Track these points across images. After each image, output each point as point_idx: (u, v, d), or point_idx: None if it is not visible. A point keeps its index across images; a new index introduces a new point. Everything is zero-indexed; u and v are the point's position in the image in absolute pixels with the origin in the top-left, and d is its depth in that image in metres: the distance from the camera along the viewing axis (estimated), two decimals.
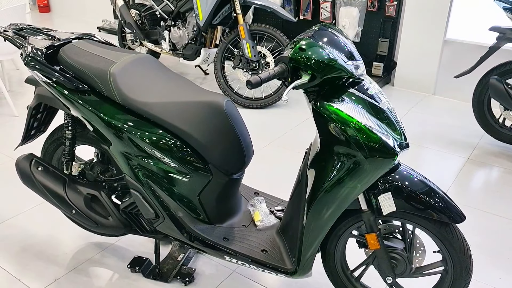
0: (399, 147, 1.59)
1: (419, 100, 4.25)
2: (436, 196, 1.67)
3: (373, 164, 1.56)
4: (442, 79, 4.25)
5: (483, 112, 3.38)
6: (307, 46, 1.53)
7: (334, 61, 1.52)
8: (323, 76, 1.51)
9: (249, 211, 2.07)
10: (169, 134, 1.82)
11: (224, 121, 1.83)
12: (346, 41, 1.63)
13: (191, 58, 4.21)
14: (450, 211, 1.66)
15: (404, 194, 1.67)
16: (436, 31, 4.13)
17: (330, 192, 1.63)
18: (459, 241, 1.70)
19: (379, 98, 1.64)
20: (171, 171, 1.85)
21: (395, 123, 1.63)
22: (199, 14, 3.92)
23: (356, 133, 1.53)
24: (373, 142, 1.53)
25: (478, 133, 3.53)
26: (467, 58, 3.88)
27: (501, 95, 3.13)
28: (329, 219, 1.70)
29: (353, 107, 1.56)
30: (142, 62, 1.93)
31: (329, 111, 1.54)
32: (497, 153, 3.34)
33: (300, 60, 1.50)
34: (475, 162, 3.24)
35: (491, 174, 3.16)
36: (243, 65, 3.88)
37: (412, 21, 4.22)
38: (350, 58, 1.60)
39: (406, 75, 4.40)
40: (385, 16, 4.31)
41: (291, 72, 1.53)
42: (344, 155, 1.57)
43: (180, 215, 1.90)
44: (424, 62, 4.27)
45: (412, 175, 1.72)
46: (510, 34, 3.08)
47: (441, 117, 3.94)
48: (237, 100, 4.02)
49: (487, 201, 2.80)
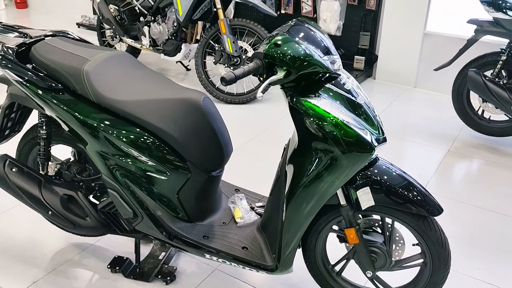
0: (376, 141, 1.59)
1: (400, 93, 4.28)
2: (414, 190, 1.68)
3: (350, 159, 1.56)
4: (422, 72, 4.28)
5: (462, 105, 3.41)
6: (282, 41, 1.51)
7: (309, 57, 1.51)
8: (298, 72, 1.50)
9: (230, 208, 2.06)
10: (146, 133, 1.79)
11: (202, 118, 1.81)
12: (322, 36, 1.62)
13: (172, 54, 4.16)
14: (428, 204, 1.67)
15: (382, 188, 1.67)
16: (416, 24, 4.15)
17: (309, 187, 1.63)
18: (437, 233, 1.71)
19: (356, 93, 1.63)
20: (148, 170, 1.82)
21: (372, 117, 1.63)
22: (178, 9, 3.87)
23: (333, 129, 1.52)
24: (350, 137, 1.53)
25: (458, 125, 3.56)
26: (447, 51, 3.89)
27: (479, 88, 3.15)
28: (308, 215, 1.69)
29: (330, 102, 1.55)
30: (117, 60, 1.90)
31: (305, 107, 1.54)
32: (476, 145, 3.38)
33: (275, 55, 1.49)
34: (455, 154, 3.27)
35: (471, 166, 3.19)
36: (224, 60, 3.85)
37: (392, 14, 4.23)
38: (326, 53, 1.59)
39: (387, 69, 4.42)
40: (365, 9, 4.31)
41: (266, 68, 1.51)
42: (322, 151, 1.57)
43: (159, 214, 1.88)
44: (405, 55, 4.29)
45: (391, 169, 1.72)
46: (488, 26, 3.10)
47: (422, 109, 3.96)
48: (218, 96, 3.99)
49: (467, 193, 2.83)
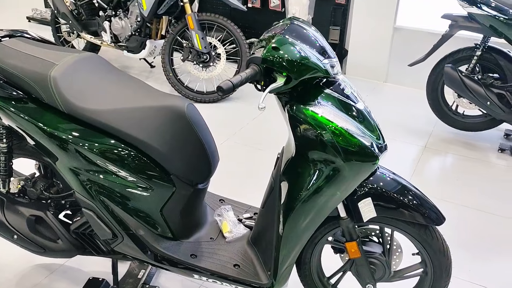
0: (379, 149, 1.49)
1: (371, 88, 4.24)
2: (416, 199, 1.60)
3: (353, 170, 1.46)
4: (393, 66, 4.26)
5: (437, 100, 3.40)
6: (281, 44, 1.38)
7: (310, 61, 1.38)
8: (299, 77, 1.37)
9: (216, 221, 1.91)
10: (124, 145, 1.61)
11: (186, 127, 1.65)
12: (319, 37, 1.50)
13: (136, 51, 3.93)
14: (430, 213, 1.60)
15: (384, 199, 1.58)
16: (386, 18, 4.11)
17: (308, 201, 1.51)
18: (439, 242, 1.65)
19: (355, 98, 1.53)
20: (129, 186, 1.64)
21: (373, 124, 1.53)
22: (142, 4, 3.64)
23: (335, 138, 1.41)
24: (353, 146, 1.42)
25: (432, 120, 3.55)
26: (417, 45, 3.89)
27: (456, 83, 3.14)
28: (307, 229, 1.58)
29: (330, 109, 1.44)
30: (88, 63, 1.70)
31: (306, 116, 1.41)
32: (451, 140, 3.38)
33: (274, 60, 1.35)
34: (431, 150, 3.26)
35: (448, 162, 3.19)
36: (193, 57, 3.67)
37: (362, 8, 4.18)
38: (325, 56, 1.47)
39: (358, 63, 4.37)
40: (335, 3, 4.24)
41: (264, 74, 1.37)
42: (322, 162, 1.45)
43: (142, 233, 1.71)
44: (375, 50, 4.26)
45: (391, 177, 1.63)
46: (462, 21, 3.09)
47: (395, 105, 3.94)
48: (188, 95, 3.80)
49: (447, 190, 2.81)
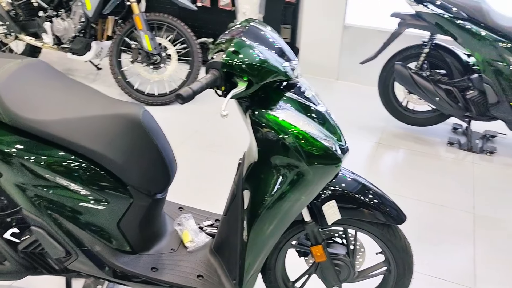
0: (341, 151, 1.48)
1: (324, 86, 4.28)
2: (379, 199, 1.61)
3: (317, 173, 1.44)
4: (344, 64, 4.32)
5: (388, 97, 3.47)
6: (240, 48, 1.33)
7: (271, 64, 1.35)
8: (261, 82, 1.34)
9: (177, 231, 1.84)
10: (75, 157, 1.51)
11: (142, 135, 1.57)
12: (278, 39, 1.47)
13: (81, 53, 3.74)
14: (392, 212, 1.62)
15: (348, 200, 1.59)
16: (335, 16, 4.16)
17: (273, 207, 1.48)
18: (402, 241, 1.67)
19: (316, 101, 1.51)
20: (82, 200, 1.54)
21: (334, 126, 1.52)
22: (86, 3, 3.47)
23: (297, 142, 1.38)
24: (316, 149, 1.40)
25: (384, 116, 3.63)
26: (367, 43, 3.96)
27: (406, 80, 3.22)
28: (272, 235, 1.54)
29: (292, 113, 1.41)
30: (31, 70, 1.58)
31: (268, 120, 1.38)
32: (403, 135, 3.47)
33: (235, 65, 1.30)
34: (384, 146, 3.32)
35: (401, 157, 3.27)
36: (143, 58, 3.54)
37: (311, 6, 4.20)
38: (284, 58, 1.44)
39: (309, 61, 4.40)
40: (285, 2, 4.23)
41: (224, 79, 1.32)
42: (286, 167, 1.42)
43: (98, 249, 1.61)
44: (326, 48, 4.30)
45: (352, 178, 1.64)
46: (410, 20, 3.16)
47: (347, 102, 4.00)
48: (138, 98, 3.67)
49: (401, 185, 2.88)
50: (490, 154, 3.23)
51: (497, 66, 2.99)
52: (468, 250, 2.35)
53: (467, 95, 3.14)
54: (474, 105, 3.13)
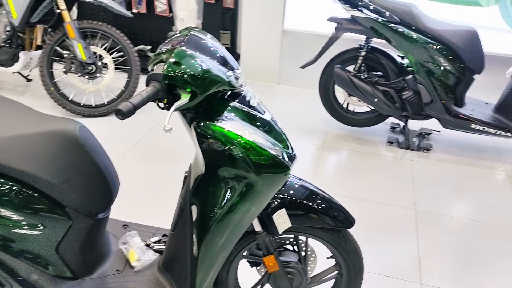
0: (289, 159, 1.47)
1: (266, 91, 4.30)
2: (328, 204, 1.62)
3: (266, 183, 1.42)
4: (284, 68, 4.36)
5: (329, 99, 3.54)
6: (182, 58, 1.28)
7: (214, 74, 1.31)
8: (205, 92, 1.29)
9: (122, 250, 1.75)
10: (4, 180, 1.39)
11: (80, 153, 1.47)
12: (220, 48, 1.44)
13: (8, 64, 3.50)
14: (342, 216, 1.63)
15: (297, 208, 1.58)
16: (274, 21, 4.19)
17: (223, 220, 1.44)
18: (352, 243, 1.69)
19: (261, 109, 1.49)
20: (14, 226, 1.42)
21: (281, 133, 1.50)
22: (11, 11, 3.26)
23: (245, 152, 1.35)
24: (263, 159, 1.38)
25: (326, 118, 3.69)
26: (306, 47, 4.02)
27: (345, 83, 3.30)
28: (224, 249, 1.50)
29: (238, 123, 1.38)
30: None
31: (214, 131, 1.34)
32: (345, 137, 3.54)
33: (177, 76, 1.25)
34: (328, 148, 3.38)
35: (344, 158, 3.33)
36: (77, 68, 3.37)
37: (250, 12, 4.21)
38: (227, 67, 1.41)
39: (250, 66, 4.40)
40: (223, 7, 4.21)
41: (167, 91, 1.27)
42: (234, 178, 1.39)
43: (35, 278, 1.49)
44: (266, 53, 4.32)
45: (300, 184, 1.63)
46: (347, 24, 3.24)
47: (289, 106, 4.04)
48: (74, 110, 3.49)
49: (346, 186, 2.93)
50: (426, 151, 3.37)
51: (429, 67, 3.14)
52: (412, 246, 2.43)
53: (403, 96, 3.26)
54: (410, 104, 3.26)
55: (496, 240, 2.52)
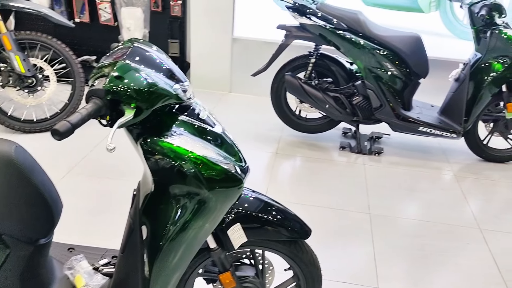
0: (242, 172, 1.43)
1: (218, 100, 4.24)
2: (283, 215, 1.59)
3: (220, 198, 1.37)
4: (236, 76, 4.33)
5: (281, 106, 3.53)
6: (125, 72, 1.21)
7: (160, 88, 1.25)
8: (150, 107, 1.22)
9: (67, 276, 1.64)
10: None
11: (17, 176, 1.36)
12: (166, 60, 1.37)
13: None
14: (298, 227, 1.61)
15: (252, 221, 1.54)
16: (223, 29, 4.15)
17: (176, 239, 1.37)
18: (309, 254, 1.67)
19: (212, 122, 1.44)
20: None
21: (233, 146, 1.46)
22: None
23: (196, 168, 1.30)
24: (216, 174, 1.33)
25: (279, 126, 3.68)
26: (257, 55, 3.99)
27: (297, 90, 3.30)
28: (178, 269, 1.44)
29: (187, 137, 1.32)
30: None
31: (162, 148, 1.27)
32: (298, 144, 3.55)
33: (120, 91, 1.18)
34: (282, 155, 3.37)
35: (298, 165, 3.33)
36: (15, 82, 3.18)
37: (198, 20, 4.15)
38: (174, 80, 1.35)
39: (201, 75, 4.34)
40: (171, 16, 4.13)
41: (109, 108, 1.19)
42: (186, 195, 1.33)
43: None
44: (217, 61, 4.27)
45: (255, 197, 1.60)
46: (296, 31, 3.25)
47: (242, 114, 4.00)
48: (13, 126, 3.29)
49: (301, 193, 2.92)
50: (378, 155, 3.43)
51: (377, 72, 3.20)
52: (368, 250, 2.44)
53: (353, 101, 3.30)
54: (360, 110, 3.31)
55: (447, 239, 2.59)
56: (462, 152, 3.51)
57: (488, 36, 3.13)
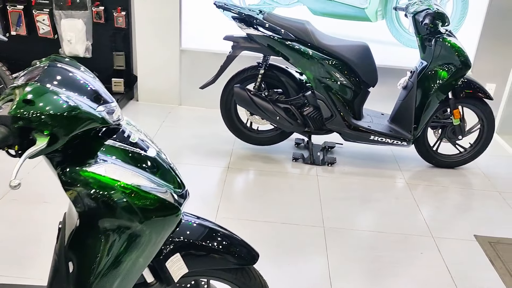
0: (180, 197, 1.32)
1: (168, 113, 4.10)
2: (228, 241, 1.49)
3: (155, 229, 1.25)
4: (185, 88, 4.21)
5: (232, 119, 3.44)
6: (36, 95, 1.08)
7: (79, 111, 1.12)
8: (68, 134, 1.10)
9: None
10: None
11: None
12: (90, 80, 1.25)
13: None
14: (244, 253, 1.51)
15: (194, 250, 1.43)
16: (171, 40, 4.03)
17: (107, 275, 1.25)
18: (257, 280, 1.57)
19: (145, 144, 1.32)
20: None
21: (169, 170, 1.35)
22: None
23: (126, 199, 1.18)
24: (150, 202, 1.22)
25: (230, 139, 3.59)
26: (206, 66, 3.88)
27: (246, 102, 3.22)
28: None
29: (116, 165, 1.20)
30: None
31: (85, 179, 1.14)
32: (251, 157, 3.46)
33: (30, 117, 1.04)
34: (234, 170, 3.27)
35: (251, 179, 3.25)
36: None
37: (144, 32, 4.01)
38: (100, 101, 1.22)
39: (149, 88, 4.19)
40: (114, 27, 3.96)
41: (19, 136, 1.05)
42: (116, 230, 1.20)
43: None
44: (165, 73, 4.14)
45: (198, 223, 1.49)
46: (243, 42, 3.18)
47: (193, 127, 3.88)
48: None
49: (255, 209, 2.83)
50: (331, 165, 3.39)
51: (327, 83, 3.17)
52: (323, 265, 2.38)
53: (304, 112, 3.25)
54: (311, 120, 3.27)
55: (401, 249, 2.56)
56: (413, 159, 3.54)
57: (432, 44, 3.17)
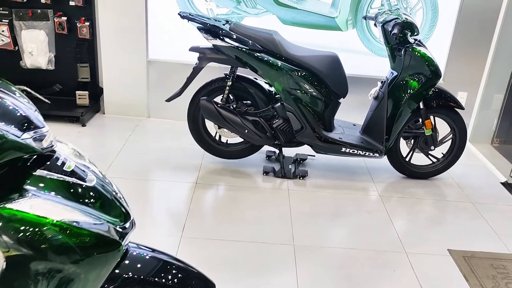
0: (122, 229, 1.21)
1: (135, 126, 3.96)
2: (186, 274, 1.40)
3: (92, 267, 1.14)
4: (153, 100, 4.07)
5: (200, 132, 3.33)
6: None
7: (10, 140, 1.01)
8: None
9: None
10: None
11: None
12: (19, 105, 1.13)
13: None
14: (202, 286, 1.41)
15: (146, 286, 1.31)
16: (137, 51, 3.90)
17: None
18: None
19: (83, 172, 1.21)
20: None
21: (111, 200, 1.23)
22: None
23: (57, 237, 1.06)
24: (88, 240, 1.10)
25: (199, 152, 3.47)
26: (174, 77, 3.77)
27: (213, 115, 3.12)
28: None
29: (45, 199, 1.08)
30: None
31: (7, 218, 1.02)
32: (220, 171, 3.35)
33: None
34: (203, 185, 3.15)
35: (220, 195, 3.14)
36: None
37: (110, 43, 3.87)
38: (28, 127, 1.11)
39: (116, 101, 4.04)
40: (78, 38, 3.81)
41: None
42: (47, 273, 1.08)
43: None
44: (132, 85, 4.00)
45: (150, 256, 1.39)
46: (210, 53, 3.07)
47: (162, 141, 3.75)
48: None
49: (224, 227, 2.72)
50: (302, 178, 3.31)
51: (296, 94, 3.08)
52: (292, 286, 2.28)
53: (273, 124, 3.16)
54: (281, 133, 3.18)
55: (374, 267, 2.48)
56: (386, 170, 3.48)
57: (402, 54, 3.12)
